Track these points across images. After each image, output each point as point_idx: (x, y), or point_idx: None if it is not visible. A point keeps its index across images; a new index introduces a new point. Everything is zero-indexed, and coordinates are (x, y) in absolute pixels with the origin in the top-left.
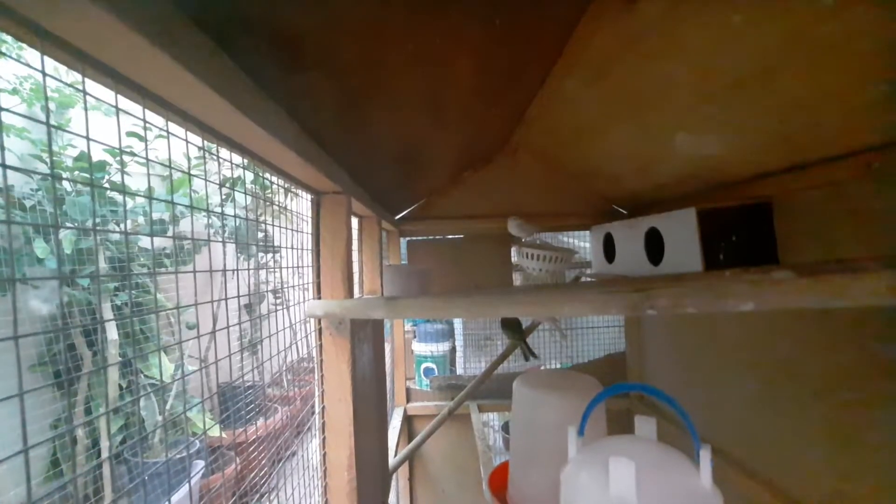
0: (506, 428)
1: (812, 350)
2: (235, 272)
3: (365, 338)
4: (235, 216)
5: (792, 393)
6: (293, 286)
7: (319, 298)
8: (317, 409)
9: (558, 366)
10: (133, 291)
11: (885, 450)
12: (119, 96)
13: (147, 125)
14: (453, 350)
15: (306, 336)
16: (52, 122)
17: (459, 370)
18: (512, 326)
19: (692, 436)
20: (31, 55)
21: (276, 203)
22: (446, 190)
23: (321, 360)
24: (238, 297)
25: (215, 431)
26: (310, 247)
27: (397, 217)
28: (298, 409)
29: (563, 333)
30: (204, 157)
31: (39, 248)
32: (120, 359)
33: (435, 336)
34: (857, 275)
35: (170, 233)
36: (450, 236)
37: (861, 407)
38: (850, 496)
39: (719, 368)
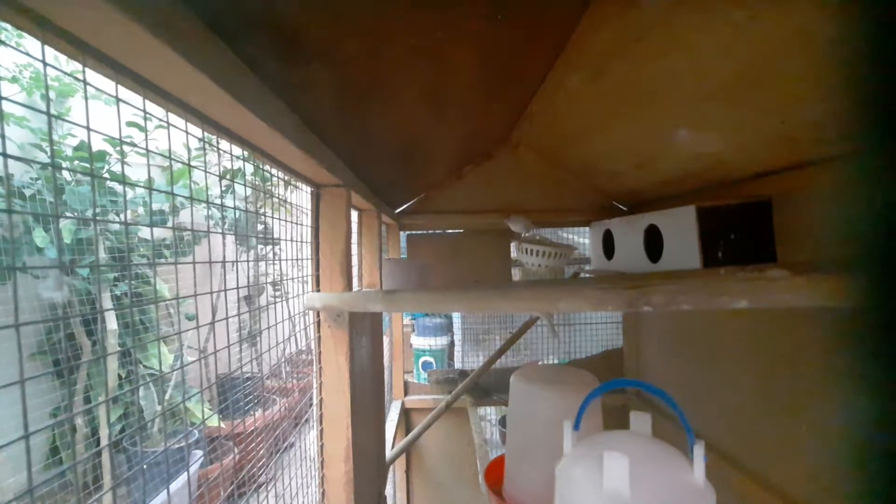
0: (503, 422)
1: (808, 348)
2: (235, 264)
3: (363, 331)
4: (235, 208)
5: (787, 390)
6: (292, 278)
7: (318, 291)
8: (315, 401)
9: (556, 361)
10: (132, 282)
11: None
12: (119, 86)
13: (147, 115)
14: (452, 344)
15: (305, 328)
16: (52, 111)
17: (458, 364)
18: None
19: (686, 431)
20: (31, 43)
21: (276, 195)
22: (447, 184)
23: (319, 353)
24: (237, 288)
25: (214, 422)
26: (309, 239)
27: (397, 211)
28: (297, 400)
29: (554, 331)
30: (204, 149)
31: (39, 237)
32: (119, 348)
33: (433, 330)
34: (851, 274)
35: (169, 223)
36: (449, 231)
37: (855, 405)
38: (843, 493)
39: (716, 365)
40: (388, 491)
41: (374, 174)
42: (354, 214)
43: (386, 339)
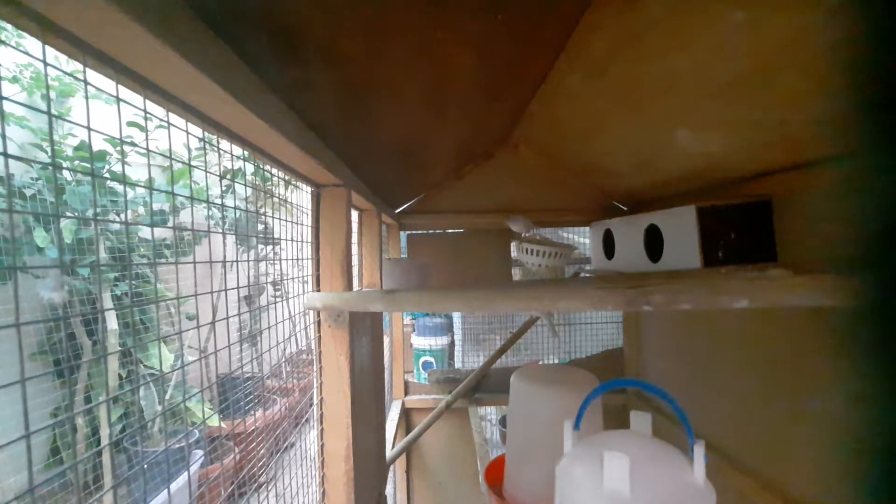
0: (503, 422)
1: (808, 348)
2: (235, 263)
3: (363, 330)
4: (236, 208)
5: (787, 390)
6: (293, 278)
7: (319, 291)
8: (315, 401)
9: (556, 361)
10: (133, 282)
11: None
12: (120, 86)
13: (148, 115)
14: (452, 344)
15: (305, 328)
16: (53, 111)
17: (458, 364)
18: None
19: (686, 431)
20: (31, 43)
21: (277, 195)
22: (447, 184)
23: (320, 352)
24: (238, 288)
25: (214, 421)
26: (309, 239)
27: (397, 210)
28: (297, 400)
29: (554, 331)
30: (204, 149)
31: (39, 237)
32: (119, 348)
33: (434, 330)
34: (851, 274)
35: (170, 223)
36: (450, 231)
37: (855, 405)
38: (843, 493)
39: (716, 365)
40: (388, 491)
41: (374, 174)
42: (354, 214)
43: (386, 339)
